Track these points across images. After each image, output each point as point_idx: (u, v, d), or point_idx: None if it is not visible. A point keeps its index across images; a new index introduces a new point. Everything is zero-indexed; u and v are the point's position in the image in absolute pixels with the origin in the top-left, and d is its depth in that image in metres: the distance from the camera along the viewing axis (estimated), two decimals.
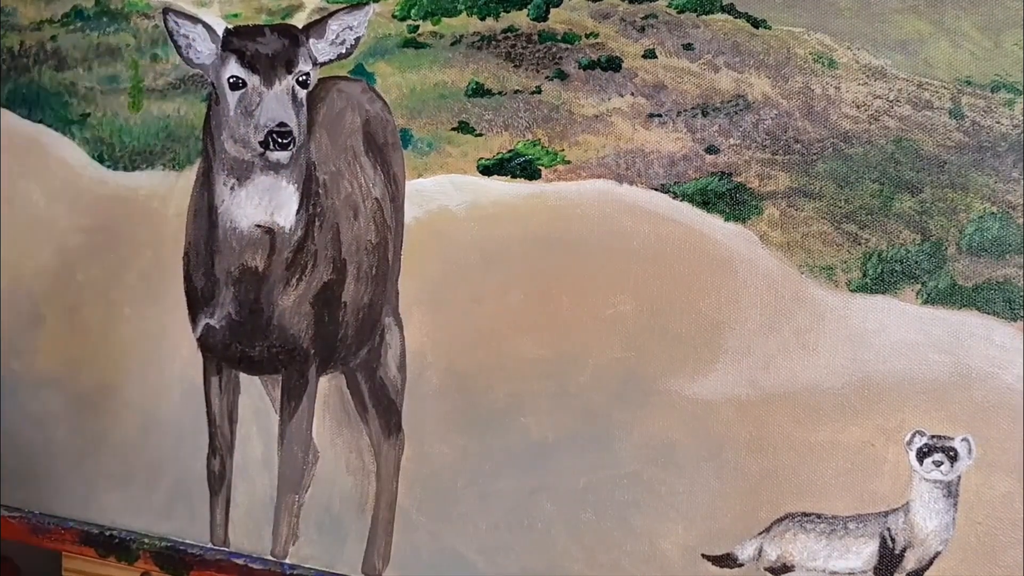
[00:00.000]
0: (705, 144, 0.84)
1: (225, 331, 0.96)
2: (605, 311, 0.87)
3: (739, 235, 0.84)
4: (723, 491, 0.85)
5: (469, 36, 0.89)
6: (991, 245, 0.78)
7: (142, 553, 1.03)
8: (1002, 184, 0.77)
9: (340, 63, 0.93)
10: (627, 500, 0.88)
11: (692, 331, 0.85)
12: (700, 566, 0.86)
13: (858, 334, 0.81)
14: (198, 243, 0.96)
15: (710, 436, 0.86)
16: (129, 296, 1.02)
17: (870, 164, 0.80)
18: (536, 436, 0.90)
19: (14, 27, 1.03)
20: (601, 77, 0.86)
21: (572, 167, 0.87)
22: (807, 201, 0.82)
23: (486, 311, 0.91)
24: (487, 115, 0.89)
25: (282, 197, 0.92)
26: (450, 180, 0.91)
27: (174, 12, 0.93)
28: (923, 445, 0.80)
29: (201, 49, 0.92)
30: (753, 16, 0.82)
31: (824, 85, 0.81)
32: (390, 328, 0.95)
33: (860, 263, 0.81)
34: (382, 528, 0.96)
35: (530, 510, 0.91)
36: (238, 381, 1.00)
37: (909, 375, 0.81)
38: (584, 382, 0.89)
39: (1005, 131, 0.77)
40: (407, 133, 0.92)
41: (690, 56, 0.84)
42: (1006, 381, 0.78)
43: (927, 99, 0.78)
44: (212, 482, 1.01)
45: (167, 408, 1.02)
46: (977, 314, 0.79)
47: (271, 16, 0.94)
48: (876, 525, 0.82)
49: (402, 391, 0.94)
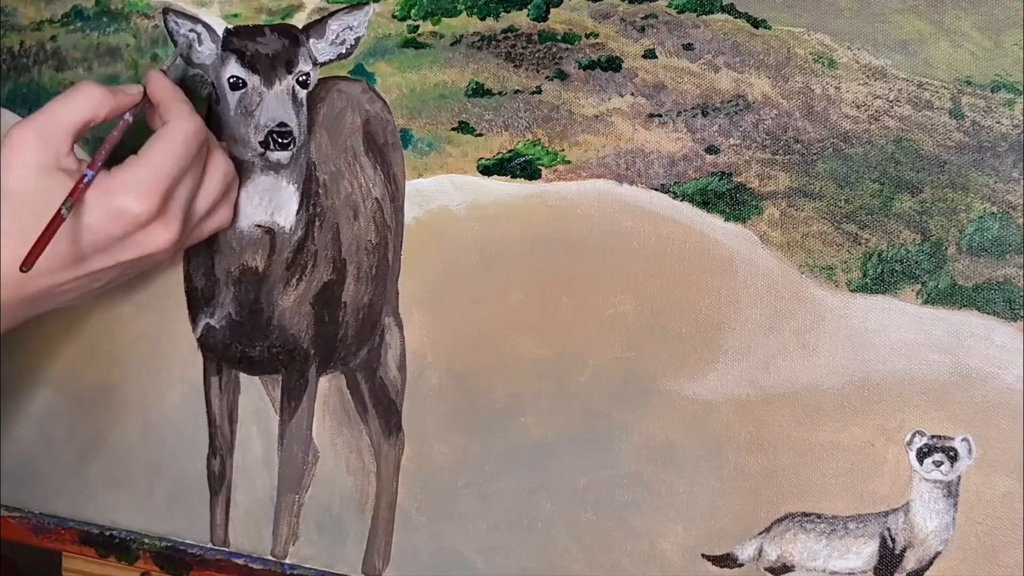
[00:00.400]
0: (705, 144, 0.84)
1: (225, 331, 0.96)
2: (605, 311, 0.87)
3: (739, 235, 0.84)
4: (723, 491, 0.85)
5: (469, 36, 0.89)
6: (991, 245, 0.78)
7: (142, 553, 1.03)
8: (1002, 184, 0.77)
9: (340, 63, 0.93)
10: (627, 500, 0.88)
11: (692, 331, 0.85)
12: (700, 566, 0.86)
13: (858, 334, 0.81)
14: (198, 243, 0.96)
15: (710, 436, 0.86)
16: (129, 296, 1.02)
17: (870, 164, 0.80)
18: (536, 436, 0.90)
19: (14, 27, 1.03)
20: (601, 77, 0.86)
21: (572, 167, 0.87)
22: (807, 201, 0.82)
23: (486, 311, 0.91)
24: (487, 115, 0.89)
25: (282, 197, 0.92)
26: (450, 180, 0.91)
27: (174, 12, 0.93)
28: (923, 445, 0.80)
29: (202, 49, 0.93)
30: (753, 16, 0.82)
31: (824, 85, 0.81)
32: (390, 328, 0.95)
33: (860, 263, 0.81)
34: (382, 528, 0.96)
35: (530, 510, 0.91)
36: (238, 381, 1.00)
37: (909, 375, 0.81)
38: (584, 382, 0.89)
39: (1005, 131, 0.77)
40: (407, 133, 0.92)
41: (690, 56, 0.84)
42: (1006, 381, 0.78)
43: (927, 99, 0.78)
44: (212, 482, 1.01)
45: (167, 408, 1.02)
46: (977, 314, 0.79)
47: (271, 16, 0.94)
48: (876, 525, 0.82)
49: (402, 391, 0.94)
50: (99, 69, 1.01)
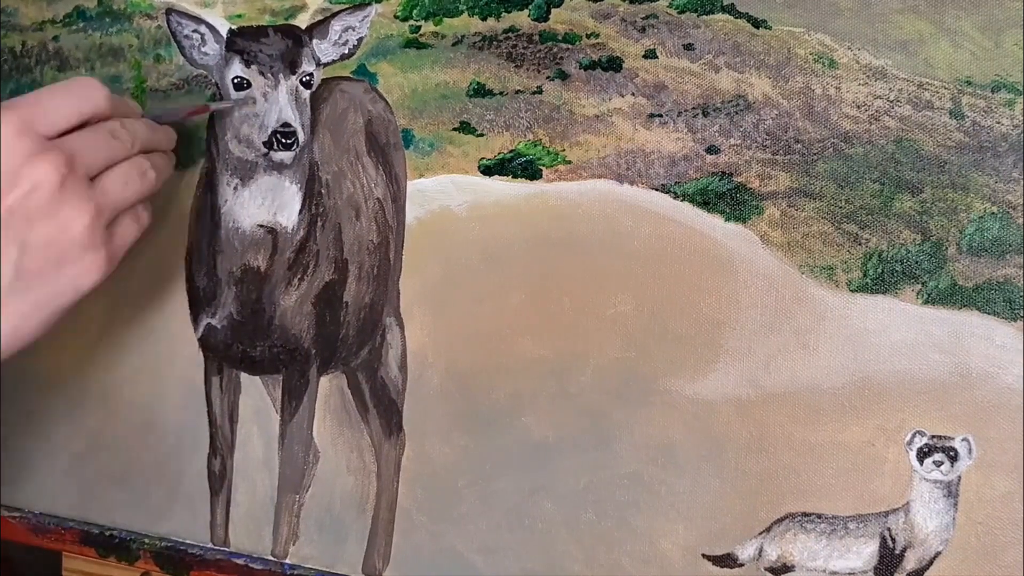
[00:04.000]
0: (706, 144, 0.84)
1: (227, 331, 0.96)
2: (606, 311, 0.87)
3: (739, 235, 0.84)
4: (723, 491, 0.85)
5: (470, 36, 0.89)
6: (991, 245, 0.78)
7: (142, 553, 1.03)
8: (1002, 184, 0.78)
9: (343, 63, 0.93)
10: (627, 500, 0.88)
11: (692, 331, 0.85)
12: (700, 566, 0.86)
13: (858, 334, 0.82)
14: (200, 243, 0.97)
15: (710, 436, 0.86)
16: (129, 296, 1.02)
17: (870, 164, 0.80)
18: (537, 436, 0.90)
19: (16, 27, 1.03)
20: (602, 77, 0.86)
21: (573, 167, 0.88)
22: (807, 201, 0.82)
23: (487, 311, 0.91)
24: (488, 115, 0.89)
25: (285, 197, 0.93)
26: (451, 180, 0.91)
27: (177, 12, 0.94)
28: (923, 445, 0.80)
29: (205, 50, 0.93)
30: (753, 16, 0.82)
31: (824, 85, 0.81)
32: (391, 328, 0.95)
33: (860, 263, 0.81)
34: (383, 528, 0.96)
35: (530, 510, 0.91)
36: (239, 381, 1.00)
37: (909, 375, 0.81)
38: (585, 382, 0.89)
39: (1005, 131, 0.77)
40: (409, 133, 0.92)
41: (691, 56, 0.84)
42: (1006, 381, 0.78)
43: (927, 99, 0.79)
44: (212, 482, 1.01)
45: (167, 408, 1.02)
46: (977, 314, 0.79)
47: (275, 17, 0.94)
48: (876, 525, 0.82)
49: (403, 391, 0.94)
50: (101, 69, 1.01)
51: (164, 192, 1.00)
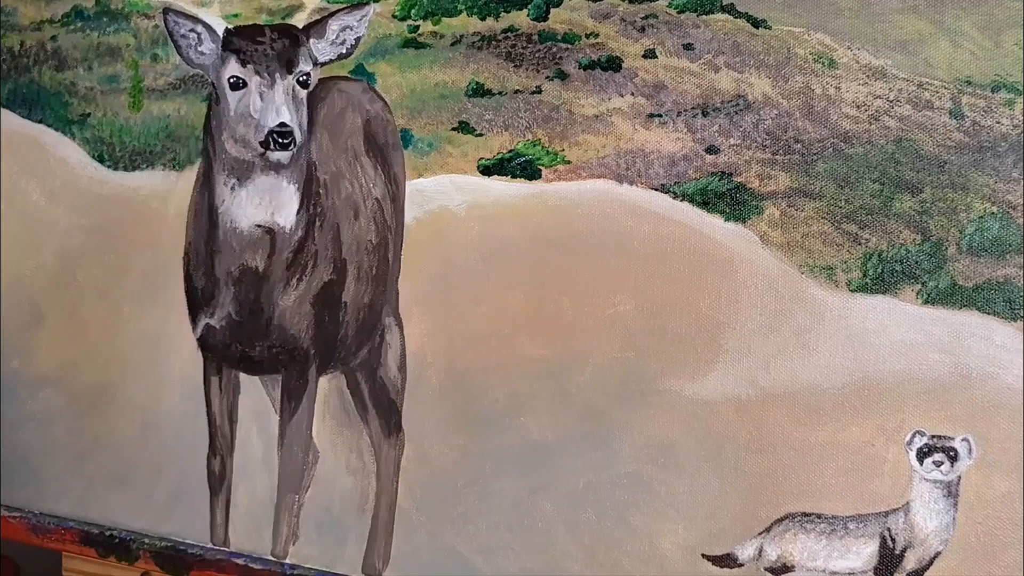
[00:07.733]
0: (705, 144, 0.84)
1: (225, 331, 0.96)
2: (605, 311, 0.87)
3: (739, 235, 0.84)
4: (723, 491, 0.85)
5: (469, 36, 0.89)
6: (991, 245, 0.78)
7: (142, 553, 1.03)
8: (1002, 184, 0.77)
9: (341, 63, 0.93)
10: (627, 500, 0.88)
11: (692, 331, 0.85)
12: (700, 566, 0.86)
13: (858, 334, 0.81)
14: (198, 243, 0.96)
15: (710, 436, 0.86)
16: (129, 296, 1.02)
17: (870, 164, 0.80)
18: (536, 436, 0.90)
19: (14, 27, 1.03)
20: (601, 77, 0.86)
21: (572, 167, 0.87)
22: (807, 201, 0.82)
23: (486, 311, 0.91)
24: (487, 115, 0.89)
25: (283, 197, 0.92)
26: (450, 180, 0.91)
27: (174, 12, 0.93)
28: (923, 445, 0.80)
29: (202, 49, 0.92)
30: (753, 16, 0.82)
31: (824, 85, 0.81)
32: (390, 328, 0.95)
33: (860, 263, 0.81)
34: (382, 528, 0.96)
35: (530, 510, 0.91)
36: (238, 381, 1.00)
37: (909, 375, 0.81)
38: (584, 382, 0.89)
39: (1005, 131, 0.77)
40: (407, 133, 0.92)
41: (690, 56, 0.84)
42: (1006, 381, 0.78)
43: (927, 99, 0.79)
44: (212, 482, 1.01)
45: (167, 408, 1.02)
46: (977, 314, 0.79)
47: (271, 16, 0.94)
48: (876, 525, 0.82)
49: (402, 391, 0.94)
50: (99, 69, 1.01)
51: (163, 192, 1.00)
